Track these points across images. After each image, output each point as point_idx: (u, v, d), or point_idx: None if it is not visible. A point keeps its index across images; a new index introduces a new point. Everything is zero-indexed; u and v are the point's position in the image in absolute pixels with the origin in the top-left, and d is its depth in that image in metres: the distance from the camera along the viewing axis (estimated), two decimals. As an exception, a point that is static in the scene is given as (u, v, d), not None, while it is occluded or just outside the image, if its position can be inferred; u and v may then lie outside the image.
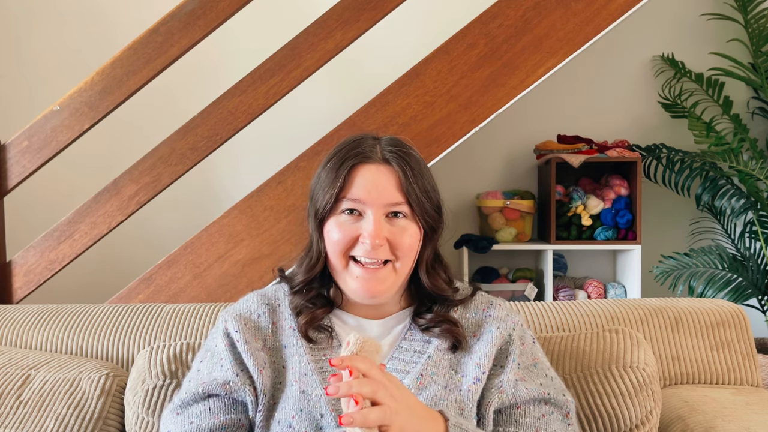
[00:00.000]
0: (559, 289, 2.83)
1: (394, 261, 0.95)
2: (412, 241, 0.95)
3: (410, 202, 0.95)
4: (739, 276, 2.56)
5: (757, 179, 2.60)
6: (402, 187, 0.95)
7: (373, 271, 0.94)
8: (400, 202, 0.95)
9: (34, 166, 2.09)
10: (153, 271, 2.06)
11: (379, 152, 0.97)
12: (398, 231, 0.94)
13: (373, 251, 0.93)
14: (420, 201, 0.95)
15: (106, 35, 2.93)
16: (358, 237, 0.94)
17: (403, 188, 0.94)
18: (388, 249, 0.94)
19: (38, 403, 1.14)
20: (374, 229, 0.92)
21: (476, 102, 1.99)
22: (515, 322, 1.02)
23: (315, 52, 2.01)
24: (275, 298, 1.04)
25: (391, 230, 0.94)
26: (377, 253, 0.93)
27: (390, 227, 0.94)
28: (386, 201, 0.94)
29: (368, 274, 0.94)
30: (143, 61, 2.02)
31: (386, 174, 0.95)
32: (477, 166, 3.05)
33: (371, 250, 0.93)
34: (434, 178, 1.03)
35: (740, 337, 1.32)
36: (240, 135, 2.14)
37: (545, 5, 1.98)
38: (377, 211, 0.93)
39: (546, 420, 0.95)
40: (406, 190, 0.94)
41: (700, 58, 2.95)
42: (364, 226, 0.93)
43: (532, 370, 0.98)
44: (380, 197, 0.94)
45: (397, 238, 0.94)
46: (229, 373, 0.95)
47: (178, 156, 2.05)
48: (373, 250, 0.92)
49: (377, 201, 0.94)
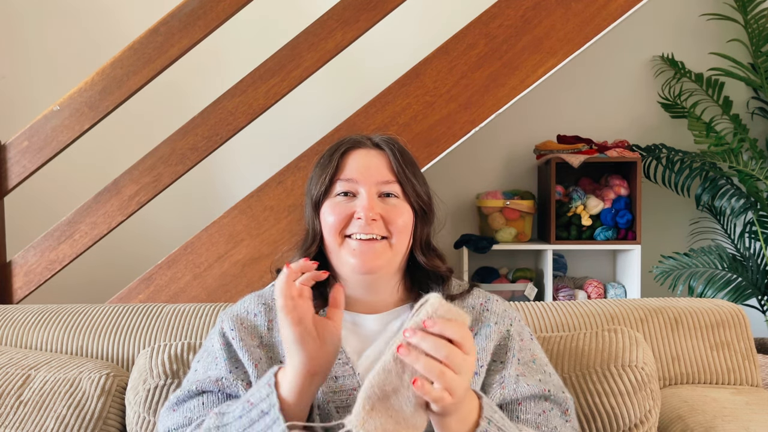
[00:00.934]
0: (559, 289, 2.83)
1: (389, 237, 0.97)
2: (405, 219, 0.98)
3: (401, 182, 0.99)
4: (738, 276, 2.56)
5: (757, 179, 2.60)
6: (393, 168, 0.99)
7: (369, 244, 0.95)
8: (391, 180, 0.99)
9: (34, 166, 2.09)
10: (153, 271, 2.06)
11: (369, 141, 1.03)
12: (391, 209, 0.98)
13: (367, 226, 0.95)
14: (410, 182, 1.00)
15: (107, 35, 2.93)
16: (352, 214, 0.97)
17: (394, 169, 0.99)
18: (383, 225, 0.96)
19: (38, 403, 1.14)
20: (368, 203, 0.96)
21: (476, 102, 1.99)
22: (512, 317, 1.02)
23: (315, 52, 2.01)
24: (272, 298, 1.05)
25: (384, 208, 0.97)
26: (372, 228, 0.95)
27: (383, 205, 0.98)
28: (378, 179, 0.98)
29: (365, 246, 0.95)
30: (143, 61, 2.02)
31: (377, 156, 1.00)
32: (477, 166, 3.05)
33: (366, 225, 0.95)
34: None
35: (740, 337, 1.32)
36: (240, 135, 2.14)
37: (545, 5, 1.98)
38: (370, 189, 0.97)
39: (546, 416, 0.95)
40: (397, 171, 0.99)
41: (700, 58, 2.95)
42: (358, 203, 0.97)
43: (531, 366, 0.99)
44: (372, 176, 0.98)
45: (391, 215, 0.97)
46: (222, 371, 0.97)
47: (179, 156, 2.05)
48: (367, 224, 0.95)
49: (369, 180, 0.98)
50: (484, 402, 0.82)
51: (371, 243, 0.95)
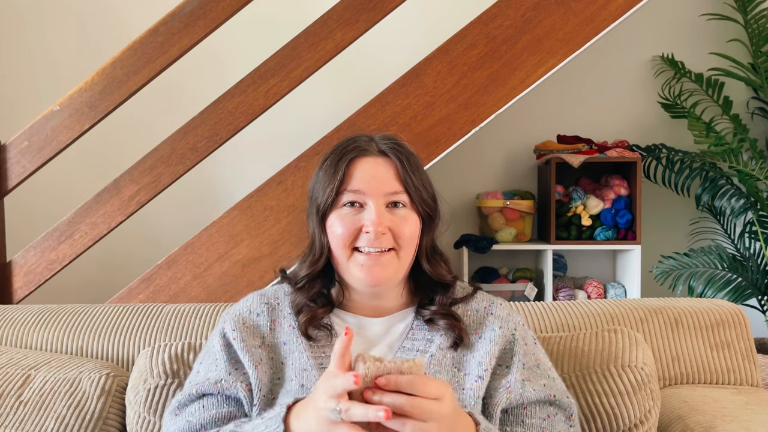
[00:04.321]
0: (559, 289, 2.83)
1: (398, 249, 0.97)
2: (413, 229, 0.98)
3: (409, 191, 0.98)
4: (738, 276, 2.56)
5: (757, 179, 2.60)
6: (400, 176, 0.98)
7: (376, 257, 0.95)
8: (399, 191, 0.97)
9: (34, 166, 2.09)
10: (153, 271, 2.06)
11: (375, 146, 1.00)
12: (399, 220, 0.97)
13: (376, 240, 0.94)
14: (418, 189, 0.98)
15: (107, 35, 2.93)
16: (360, 228, 0.96)
17: (401, 178, 0.97)
18: (391, 238, 0.96)
19: (38, 403, 1.14)
20: (376, 218, 0.94)
21: (476, 102, 1.99)
22: (516, 322, 1.03)
23: (315, 52, 2.01)
24: (275, 297, 1.06)
25: (392, 219, 0.96)
26: (380, 242, 0.95)
27: (391, 217, 0.96)
28: (386, 190, 0.97)
29: (372, 260, 0.95)
30: (143, 61, 2.02)
31: (384, 165, 0.98)
32: (477, 166, 3.05)
33: (374, 239, 0.94)
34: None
35: (740, 337, 1.32)
36: (240, 135, 2.14)
37: (545, 5, 1.98)
38: (378, 200, 0.96)
39: (551, 421, 0.96)
40: (404, 180, 0.97)
41: (700, 58, 2.95)
42: (366, 217, 0.96)
43: (535, 370, 0.99)
44: (380, 187, 0.96)
45: (399, 228, 0.96)
46: (222, 373, 0.97)
47: (178, 156, 2.05)
48: (376, 239, 0.94)
49: (377, 191, 0.96)
50: (482, 429, 0.83)
51: (379, 256, 0.95)
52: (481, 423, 0.84)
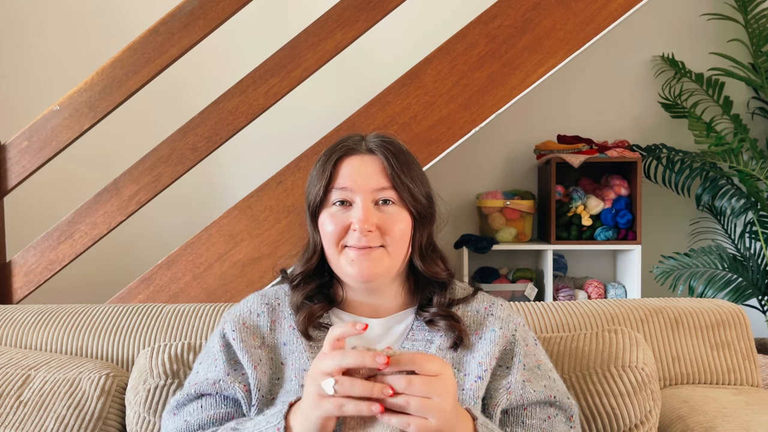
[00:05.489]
0: (559, 289, 2.83)
1: (386, 246, 0.96)
2: (403, 227, 0.97)
3: (396, 188, 0.97)
4: (739, 276, 2.56)
5: (757, 179, 2.60)
6: (387, 173, 0.97)
7: (366, 253, 0.95)
8: (385, 187, 0.97)
9: (34, 166, 2.09)
10: (153, 271, 2.06)
11: (364, 144, 1.00)
12: (388, 218, 0.96)
13: (363, 237, 0.94)
14: (406, 186, 0.97)
15: (107, 35, 2.93)
16: (349, 225, 0.96)
17: (388, 174, 0.97)
18: (379, 235, 0.95)
19: (38, 403, 1.14)
20: (363, 215, 0.94)
21: (476, 102, 1.99)
22: (517, 323, 1.03)
23: (315, 52, 2.01)
24: (275, 298, 1.06)
25: (380, 217, 0.96)
26: (368, 240, 0.95)
27: (379, 214, 0.96)
28: (372, 187, 0.96)
29: (362, 255, 0.95)
30: (143, 61, 2.02)
31: (371, 162, 0.98)
32: (477, 166, 3.05)
33: (361, 237, 0.94)
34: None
35: (740, 338, 1.32)
36: (240, 135, 2.14)
37: (545, 5, 1.98)
38: (365, 197, 0.96)
39: (552, 422, 0.96)
40: (392, 176, 0.97)
41: (700, 58, 2.95)
42: (354, 214, 0.96)
43: (536, 371, 0.99)
44: (366, 184, 0.96)
45: (387, 225, 0.96)
46: (220, 373, 0.97)
47: (178, 156, 2.05)
48: (363, 236, 0.94)
49: (363, 188, 0.96)
50: (479, 424, 0.83)
51: (368, 251, 0.95)
52: (478, 418, 0.84)
